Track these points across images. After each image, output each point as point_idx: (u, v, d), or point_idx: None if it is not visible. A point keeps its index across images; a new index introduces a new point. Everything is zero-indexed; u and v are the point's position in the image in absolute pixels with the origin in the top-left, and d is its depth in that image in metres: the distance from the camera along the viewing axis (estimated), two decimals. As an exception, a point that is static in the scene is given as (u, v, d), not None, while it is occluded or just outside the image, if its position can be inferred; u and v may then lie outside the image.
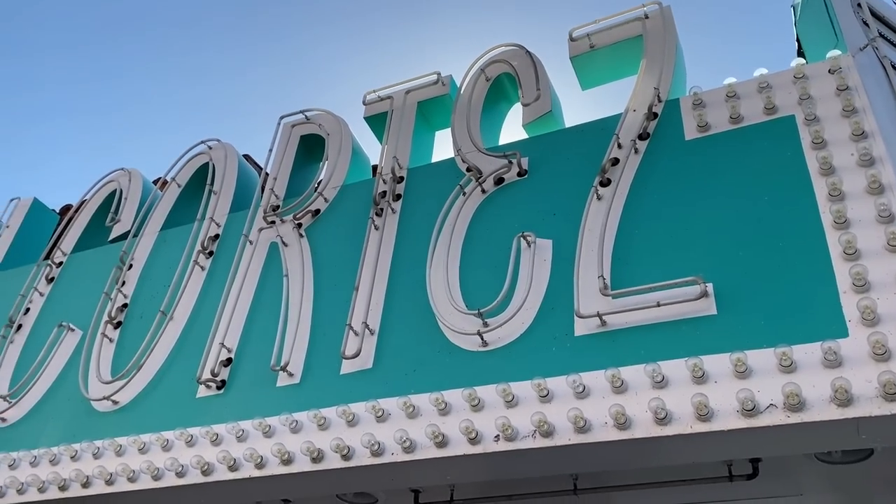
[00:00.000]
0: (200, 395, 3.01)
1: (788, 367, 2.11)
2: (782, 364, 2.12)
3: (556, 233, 2.79)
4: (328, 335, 2.93)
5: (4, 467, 3.18)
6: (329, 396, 2.73)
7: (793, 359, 2.11)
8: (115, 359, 3.35)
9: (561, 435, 2.29)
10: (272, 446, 2.66)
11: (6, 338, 3.74)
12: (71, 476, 2.97)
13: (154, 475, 2.81)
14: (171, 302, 3.39)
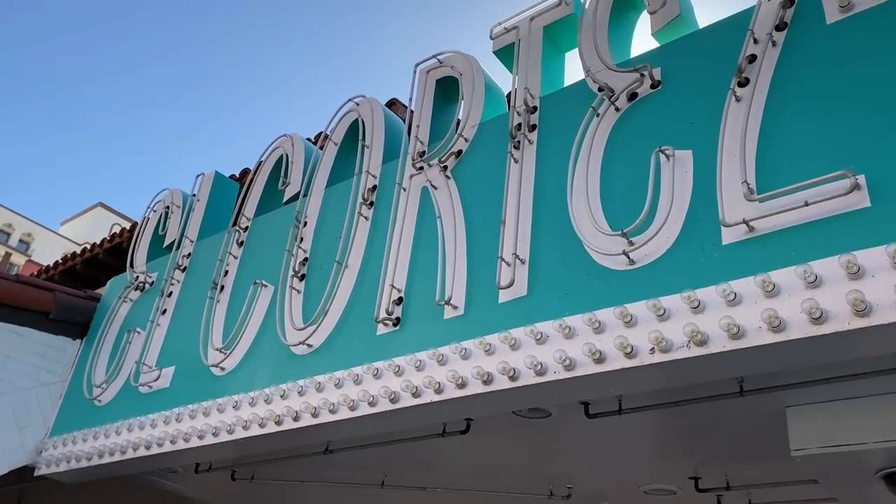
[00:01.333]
0: (380, 333, 3.35)
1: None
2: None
3: (695, 142, 2.76)
4: (484, 268, 3.12)
5: (229, 408, 3.75)
6: (491, 324, 2.95)
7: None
8: (305, 307, 3.78)
9: (715, 343, 2.35)
10: (447, 373, 2.94)
11: (213, 298, 4.31)
12: (283, 412, 3.46)
13: (350, 406, 3.21)
14: (343, 252, 3.74)
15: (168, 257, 4.90)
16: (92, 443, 4.42)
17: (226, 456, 4.19)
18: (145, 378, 4.35)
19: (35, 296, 4.84)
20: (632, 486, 4.10)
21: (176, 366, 4.27)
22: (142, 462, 4.29)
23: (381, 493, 4.65)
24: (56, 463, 4.59)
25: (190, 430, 3.88)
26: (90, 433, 4.46)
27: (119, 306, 4.99)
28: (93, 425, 4.50)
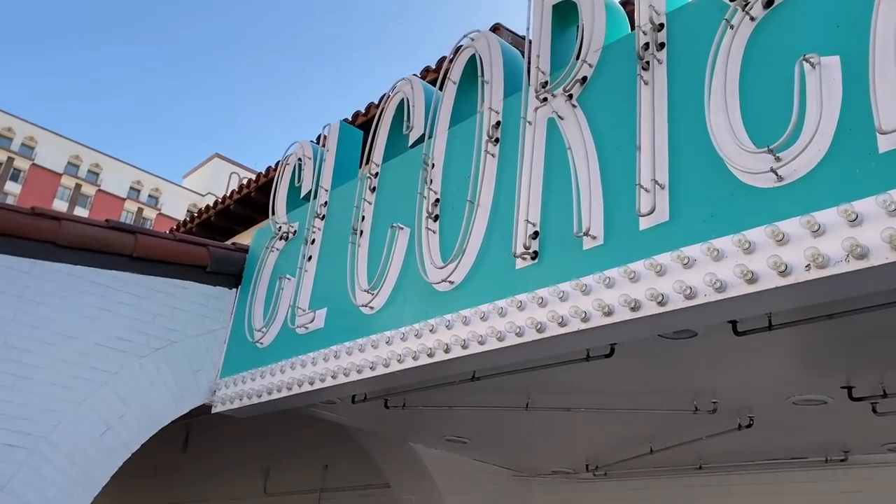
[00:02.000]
0: (519, 267, 3.45)
1: None
2: None
3: (842, 47, 2.62)
4: (621, 196, 3.14)
5: (382, 344, 4.01)
6: (633, 252, 2.98)
7: None
8: (442, 247, 3.94)
9: (876, 255, 2.29)
10: (592, 302, 3.02)
11: (354, 243, 4.55)
12: (434, 345, 3.67)
13: (498, 337, 3.37)
14: (474, 191, 3.85)
15: (306, 207, 5.17)
16: (259, 381, 4.85)
17: (379, 387, 4.50)
18: (301, 320, 4.69)
19: (192, 252, 5.26)
20: (779, 397, 4.09)
21: (328, 307, 4.58)
22: (304, 397, 4.69)
23: (525, 414, 4.87)
24: (229, 401, 5.09)
25: (349, 366, 4.19)
26: (256, 373, 4.90)
27: (267, 256, 5.35)
28: (258, 366, 4.93)
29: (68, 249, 4.70)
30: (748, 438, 4.80)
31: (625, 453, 5.64)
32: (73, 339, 4.60)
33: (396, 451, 6.33)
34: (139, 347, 4.86)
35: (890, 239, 2.25)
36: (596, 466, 6.09)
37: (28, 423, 4.32)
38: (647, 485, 6.19)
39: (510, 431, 5.63)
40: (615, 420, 4.91)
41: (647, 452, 5.40)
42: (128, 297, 4.89)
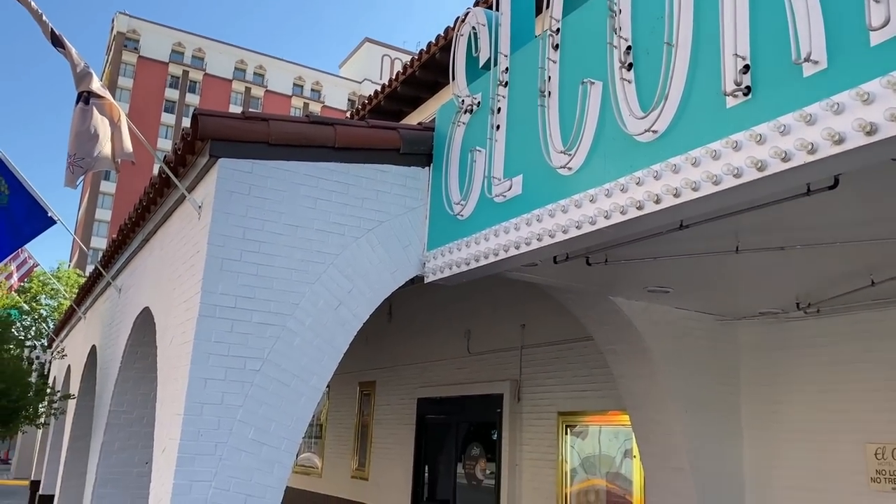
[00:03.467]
0: (730, 105, 3.31)
1: None
2: None
3: None
4: (846, 11, 2.86)
5: (586, 203, 4.07)
6: (865, 72, 2.75)
7: None
8: (640, 95, 3.83)
9: None
10: (820, 132, 2.86)
11: (543, 105, 4.54)
12: (642, 198, 3.67)
13: (714, 181, 3.30)
14: (670, 31, 3.66)
15: (487, 76, 5.19)
16: (465, 251, 5.13)
17: (582, 246, 4.59)
18: (497, 189, 4.84)
19: (385, 136, 5.52)
20: None
21: (523, 174, 4.68)
22: (508, 262, 4.91)
23: (733, 257, 4.79)
24: (439, 271, 5.44)
25: (553, 228, 4.31)
26: (461, 243, 5.17)
27: (454, 131, 5.49)
28: (461, 236, 5.19)
29: (279, 147, 5.10)
30: None
31: (841, 288, 5.43)
32: (297, 228, 5.07)
33: (596, 305, 6.51)
34: (353, 230, 5.28)
35: None
36: (808, 304, 5.93)
37: (275, 303, 4.91)
38: (865, 318, 5.96)
39: (715, 276, 5.58)
40: (833, 255, 4.71)
41: (866, 285, 5.16)
42: (336, 185, 5.27)
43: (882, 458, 5.68)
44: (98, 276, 10.59)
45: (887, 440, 5.67)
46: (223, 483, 4.53)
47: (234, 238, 4.85)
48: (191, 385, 4.59)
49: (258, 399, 4.73)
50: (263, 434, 4.70)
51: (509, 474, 9.01)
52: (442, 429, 10.80)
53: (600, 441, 8.00)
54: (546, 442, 8.64)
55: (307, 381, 4.91)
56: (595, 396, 8.07)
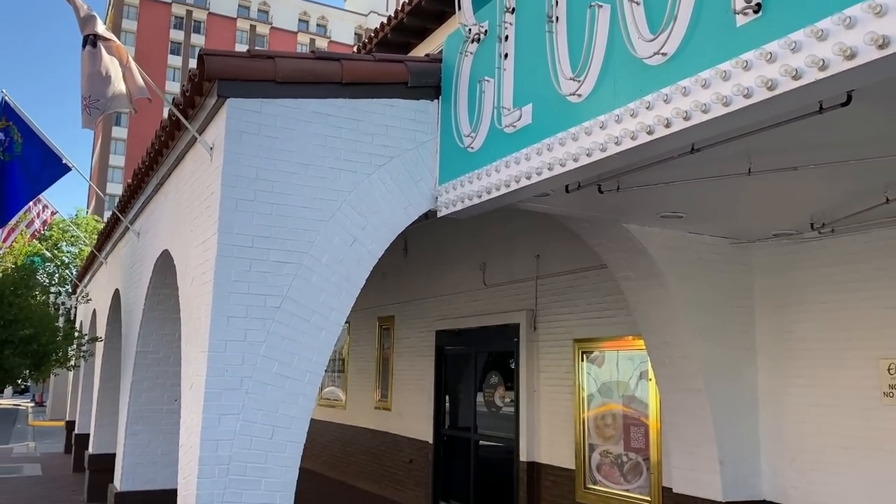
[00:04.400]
0: (740, 24, 3.25)
1: None
2: None
3: None
4: (860, -80, 2.78)
5: (596, 129, 4.05)
6: (879, -18, 2.69)
7: None
8: (649, 17, 3.76)
9: None
10: (831, 46, 2.81)
11: (551, 31, 4.46)
12: (652, 122, 3.65)
13: (724, 103, 3.27)
14: (678, -51, 3.56)
15: (493, 3, 5.09)
16: (477, 183, 5.14)
17: (593, 174, 4.59)
18: (507, 119, 4.81)
19: (392, 70, 5.47)
20: None
21: (533, 103, 4.64)
22: (520, 192, 4.92)
23: (746, 180, 4.77)
24: (452, 204, 5.47)
25: (563, 156, 4.31)
26: (473, 176, 5.18)
27: (462, 62, 5.43)
28: (472, 169, 5.20)
29: (286, 85, 5.08)
30: None
31: (855, 207, 5.41)
32: (309, 166, 5.10)
33: (609, 233, 6.54)
34: (365, 166, 5.30)
35: None
36: (822, 224, 5.91)
37: (291, 242, 4.99)
38: (879, 236, 5.95)
39: (728, 200, 5.57)
40: (846, 173, 4.67)
41: (881, 203, 5.14)
42: (346, 121, 5.26)
43: (895, 373, 5.76)
44: (116, 222, 10.73)
45: (900, 356, 5.74)
46: (250, 415, 4.70)
47: (246, 178, 4.89)
48: (213, 323, 4.71)
49: (280, 335, 4.86)
50: (287, 368, 4.85)
51: (527, 401, 9.24)
52: (461, 359, 11.02)
53: (616, 366, 8.15)
54: (563, 368, 8.81)
55: (327, 316, 5.02)
56: (610, 323, 8.18)
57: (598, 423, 8.26)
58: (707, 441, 6.54)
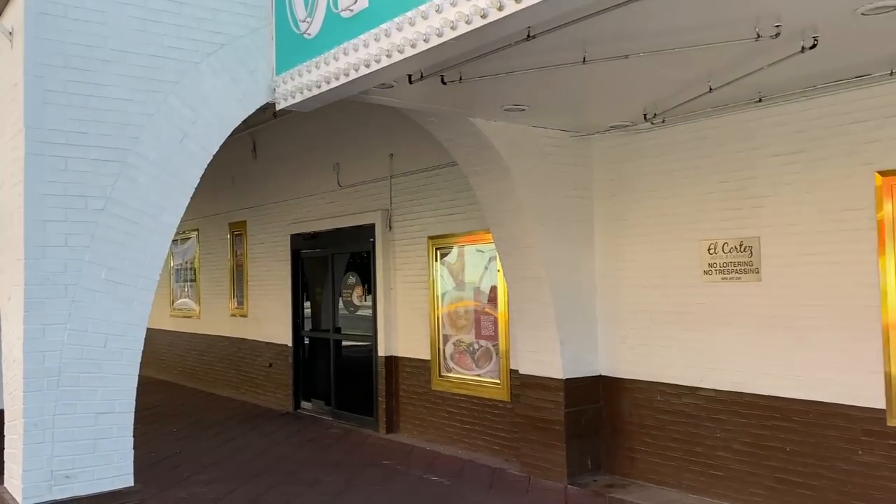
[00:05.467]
0: None
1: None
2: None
3: None
4: None
5: (432, 13, 3.94)
6: None
7: None
8: None
9: None
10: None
11: None
12: (486, 5, 3.59)
13: (552, -17, 3.25)
14: None
15: None
16: (315, 72, 4.92)
17: (434, 62, 4.51)
18: (344, 3, 4.58)
19: (217, -53, 5.00)
20: (846, 9, 3.94)
21: (369, -15, 4.43)
22: (361, 82, 4.77)
23: (582, 70, 4.87)
24: (290, 96, 5.22)
25: (402, 42, 4.18)
26: (311, 64, 4.95)
27: (294, -60, 5.06)
28: (311, 57, 4.95)
29: (94, -39, 4.54)
30: (810, 62, 4.74)
31: (683, 96, 5.68)
32: (127, 54, 4.65)
33: (457, 128, 6.54)
34: (192, 54, 4.90)
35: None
36: (654, 114, 6.19)
37: (111, 138, 4.59)
38: (705, 125, 6.33)
39: (567, 91, 5.68)
40: (673, 62, 4.86)
41: (705, 92, 5.42)
42: (167, 4, 4.80)
43: (714, 253, 6.28)
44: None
45: (718, 237, 6.25)
46: (79, 324, 4.42)
47: (54, 67, 4.40)
48: (28, 229, 4.31)
49: (107, 239, 4.54)
50: (117, 273, 4.56)
51: (385, 299, 9.36)
52: (318, 262, 10.92)
53: (468, 260, 8.36)
54: (418, 265, 8.95)
55: (158, 217, 4.73)
56: (462, 219, 8.33)
57: (451, 315, 8.52)
58: (549, 324, 6.92)
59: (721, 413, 6.22)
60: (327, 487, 6.95)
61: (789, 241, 5.77)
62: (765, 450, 5.91)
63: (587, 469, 7.00)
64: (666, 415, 6.63)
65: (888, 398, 5.17)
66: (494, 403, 7.96)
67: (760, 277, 5.96)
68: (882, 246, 5.18)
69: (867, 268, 5.28)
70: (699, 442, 6.37)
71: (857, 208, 5.35)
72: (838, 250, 5.46)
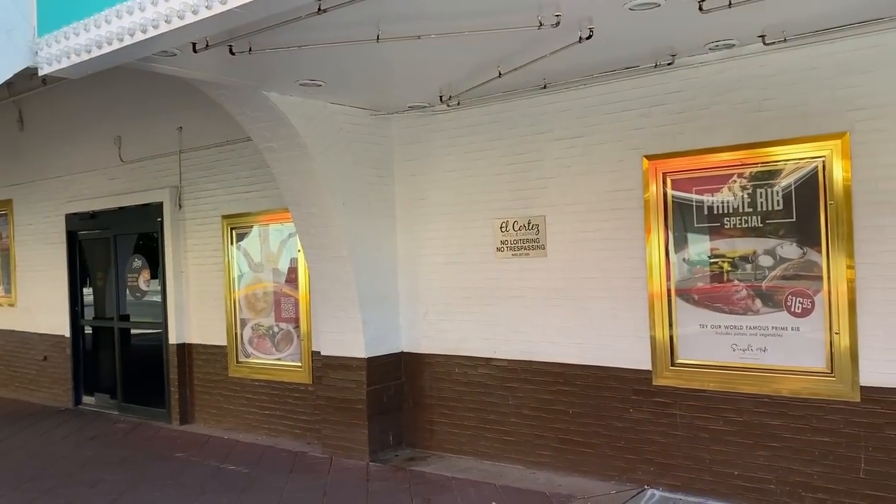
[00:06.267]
0: None
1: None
2: None
3: None
4: None
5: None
6: None
7: None
8: None
9: None
10: None
11: None
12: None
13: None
14: None
15: None
16: (84, 36, 4.45)
17: (219, 30, 4.26)
18: (115, -40, 4.17)
19: None
20: (617, 4, 4.26)
21: (144, -58, 4.06)
22: (138, 48, 4.39)
23: (378, 48, 4.84)
24: (57, 60, 4.69)
25: (181, 7, 3.89)
26: (80, 26, 4.47)
27: None
28: (80, 18, 4.47)
29: None
30: (588, 52, 5.08)
31: (476, 80, 5.86)
32: None
33: (250, 102, 6.27)
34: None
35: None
36: (449, 97, 6.34)
37: None
38: (496, 109, 6.60)
39: (364, 69, 5.64)
40: (465, 46, 4.99)
41: (495, 77, 5.63)
42: None
43: (505, 231, 6.60)
44: None
45: (509, 216, 6.56)
46: None
47: None
48: None
49: None
50: None
51: (175, 283, 8.82)
52: (99, 244, 10.03)
53: (266, 240, 8.10)
54: (211, 247, 8.52)
55: None
56: (258, 197, 8.04)
57: (249, 297, 8.22)
58: (351, 304, 6.90)
59: (513, 381, 6.58)
60: (111, 487, 6.45)
61: (571, 219, 6.20)
62: (550, 413, 6.35)
63: (389, 445, 7.11)
64: (463, 386, 6.89)
65: (653, 360, 5.75)
66: (296, 387, 7.82)
67: (546, 253, 6.35)
68: (648, 223, 5.73)
69: (636, 243, 5.82)
70: (493, 410, 6.70)
71: (627, 189, 5.87)
72: (612, 227, 5.96)
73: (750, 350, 5.33)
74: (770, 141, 5.19)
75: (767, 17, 4.58)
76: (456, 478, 6.29)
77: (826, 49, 4.95)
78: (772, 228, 5.22)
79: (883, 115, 4.78)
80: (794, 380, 5.14)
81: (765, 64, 5.20)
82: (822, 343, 5.03)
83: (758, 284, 5.28)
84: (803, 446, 5.11)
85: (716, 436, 5.48)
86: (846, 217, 4.89)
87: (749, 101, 5.29)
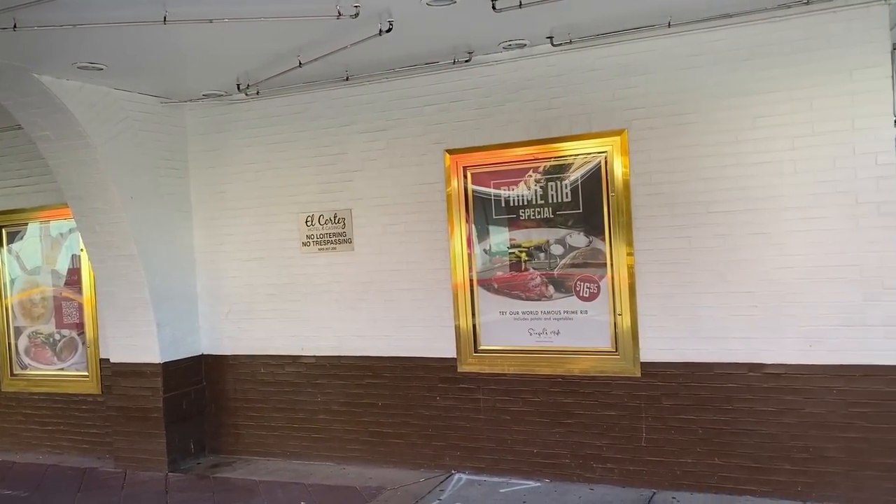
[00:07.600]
0: None
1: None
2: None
3: None
4: None
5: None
6: None
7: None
8: None
9: None
10: None
11: None
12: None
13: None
14: None
15: None
16: None
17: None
18: None
19: None
20: None
21: None
22: None
23: (167, 31, 4.53)
24: None
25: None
26: None
27: None
28: None
29: None
30: (388, 46, 5.11)
31: (275, 69, 5.67)
32: None
33: (20, 85, 5.61)
34: None
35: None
36: (248, 85, 6.09)
37: None
38: (299, 100, 6.44)
39: (152, 53, 5.24)
40: (262, 33, 4.82)
41: (296, 66, 5.48)
42: None
43: (311, 225, 6.46)
44: None
45: (315, 209, 6.44)
46: None
47: None
48: None
49: None
50: None
51: (-69, 289, 7.68)
52: None
53: (43, 240, 7.31)
54: (-24, 247, 7.53)
55: None
56: (32, 192, 7.24)
57: (24, 303, 7.38)
58: (143, 306, 6.42)
59: (321, 378, 6.48)
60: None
61: (376, 212, 6.22)
62: (360, 407, 6.33)
63: (191, 453, 6.72)
64: (270, 387, 6.68)
65: (458, 348, 5.93)
66: (83, 398, 7.15)
67: (353, 247, 6.31)
68: (451, 217, 5.88)
69: (440, 235, 5.95)
70: (301, 409, 6.56)
71: (430, 182, 5.98)
72: (417, 220, 6.05)
73: (545, 333, 5.66)
74: (559, 137, 5.53)
75: (555, 18, 4.86)
76: (263, 481, 6.09)
77: (607, 51, 5.36)
78: (562, 219, 5.57)
79: (656, 114, 5.26)
80: (584, 359, 5.54)
81: (553, 64, 5.53)
82: (608, 324, 5.46)
83: (551, 272, 5.62)
84: (593, 421, 5.52)
85: (516, 417, 5.77)
86: (625, 208, 5.34)
87: (540, 98, 5.59)
